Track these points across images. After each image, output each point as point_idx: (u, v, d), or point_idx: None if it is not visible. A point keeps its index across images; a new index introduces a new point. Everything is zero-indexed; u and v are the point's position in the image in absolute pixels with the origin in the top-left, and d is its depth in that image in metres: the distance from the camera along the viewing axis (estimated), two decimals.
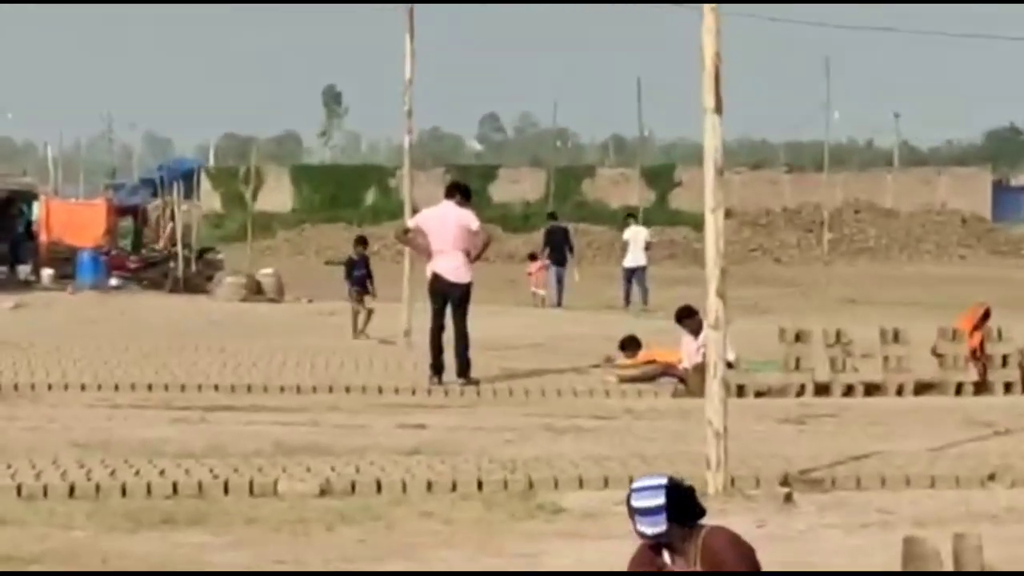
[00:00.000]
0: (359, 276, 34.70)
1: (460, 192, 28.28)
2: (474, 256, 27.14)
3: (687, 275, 62.14)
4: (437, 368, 26.39)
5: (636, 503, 9.51)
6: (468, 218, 27.38)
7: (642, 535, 9.51)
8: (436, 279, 26.90)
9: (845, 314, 34.29)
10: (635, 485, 9.60)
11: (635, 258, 57.25)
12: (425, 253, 27.67)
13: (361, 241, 36.55)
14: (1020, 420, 22.60)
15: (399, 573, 9.12)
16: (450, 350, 26.74)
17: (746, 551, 9.67)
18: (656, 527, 9.38)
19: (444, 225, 27.00)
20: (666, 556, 9.74)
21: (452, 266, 26.63)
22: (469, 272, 26.77)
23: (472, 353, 26.64)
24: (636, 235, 58.32)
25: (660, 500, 9.29)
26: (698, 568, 9.52)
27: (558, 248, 58.51)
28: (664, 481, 9.52)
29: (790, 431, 21.45)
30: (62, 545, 14.16)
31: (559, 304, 53.60)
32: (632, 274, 56.41)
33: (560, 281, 56.72)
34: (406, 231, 29.17)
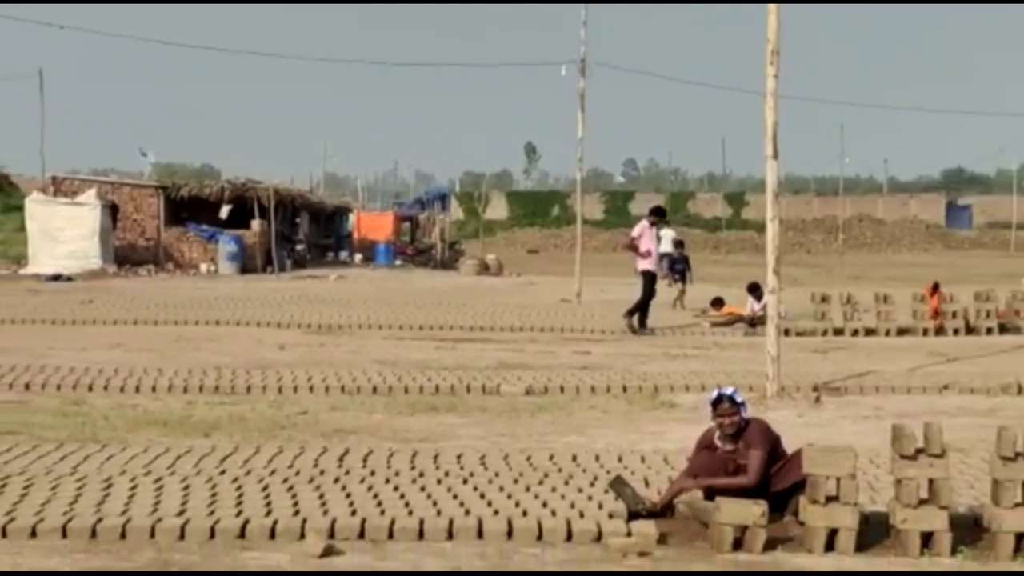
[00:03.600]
0: (679, 268, 32.61)
1: (653, 212, 27.35)
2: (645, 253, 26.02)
3: (752, 260, 61.30)
4: (639, 316, 25.54)
5: (731, 393, 9.84)
6: (636, 228, 26.70)
7: (736, 403, 9.76)
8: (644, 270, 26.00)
9: (852, 285, 33.79)
10: (727, 390, 9.75)
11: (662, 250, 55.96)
12: (637, 252, 26.33)
13: (680, 244, 33.79)
14: (963, 352, 22.38)
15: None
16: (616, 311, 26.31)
17: (768, 435, 9.75)
18: (745, 412, 9.73)
19: (640, 235, 26.20)
20: (716, 440, 9.78)
21: (645, 263, 25.83)
22: (645, 264, 25.77)
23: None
24: (665, 234, 57.18)
25: (741, 397, 9.58)
26: (740, 446, 9.58)
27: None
28: (737, 391, 9.91)
29: (818, 358, 21.22)
30: (369, 423, 14.33)
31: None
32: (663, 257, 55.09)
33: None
34: (632, 240, 26.95)
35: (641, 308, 25.60)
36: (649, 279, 25.78)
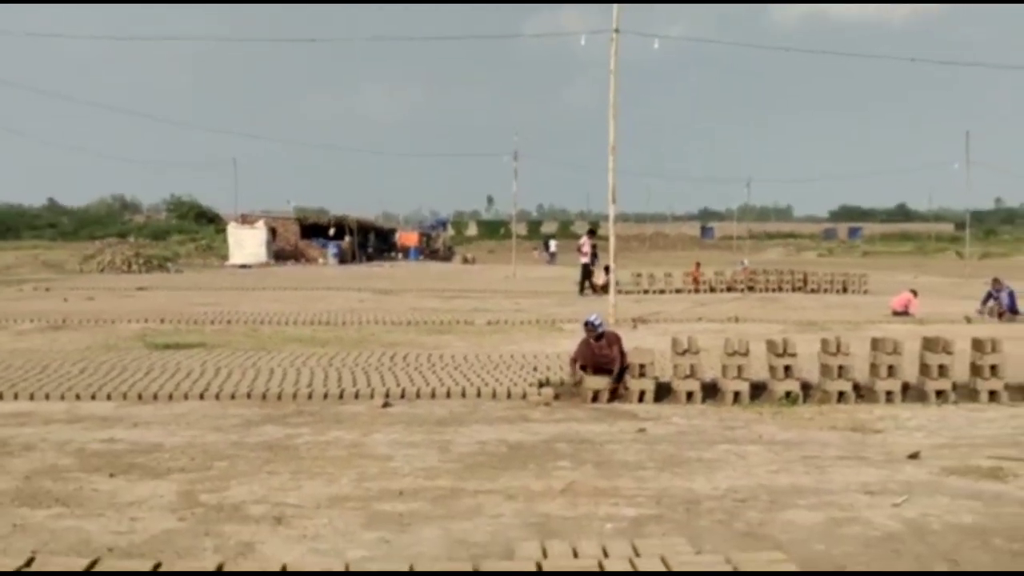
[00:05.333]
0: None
1: (590, 231, 26.05)
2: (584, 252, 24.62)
3: (604, 256, 61.21)
4: (582, 288, 24.20)
5: (594, 319, 9.73)
6: (582, 239, 25.34)
7: (594, 326, 9.67)
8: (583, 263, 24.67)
9: (653, 267, 33.83)
10: (592, 316, 9.77)
11: (551, 251, 52.50)
12: (580, 252, 25.29)
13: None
14: (709, 301, 22.37)
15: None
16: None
17: (618, 338, 9.78)
18: (603, 327, 9.53)
19: (583, 243, 24.92)
20: (590, 339, 9.83)
21: (585, 258, 24.67)
22: (584, 259, 24.52)
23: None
24: (550, 243, 55.26)
25: (601, 319, 9.51)
26: (603, 343, 9.65)
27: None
28: (598, 316, 9.71)
29: (635, 304, 21.03)
30: (406, 339, 14.17)
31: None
32: (553, 256, 51.63)
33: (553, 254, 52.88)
34: (579, 246, 25.51)
35: (583, 283, 24.43)
36: (585, 268, 24.62)
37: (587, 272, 24.85)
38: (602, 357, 9.60)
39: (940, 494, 5.84)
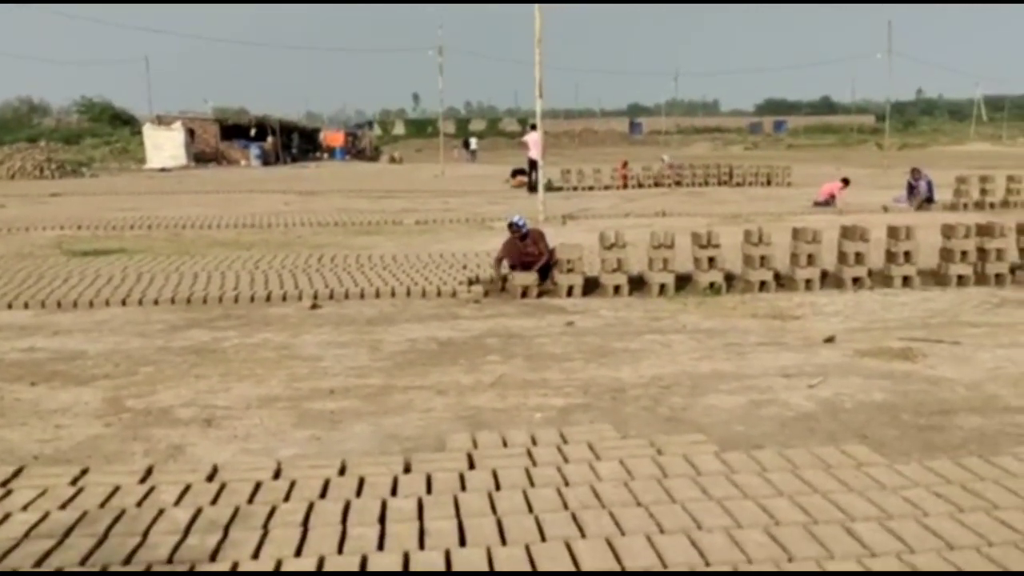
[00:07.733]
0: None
1: (532, 127, 23.35)
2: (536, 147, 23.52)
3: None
4: (531, 186, 23.00)
5: (517, 220, 9.62)
6: (528, 135, 24.08)
7: (518, 227, 9.63)
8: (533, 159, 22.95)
9: (581, 164, 33.77)
10: (515, 218, 9.68)
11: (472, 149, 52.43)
12: (526, 149, 24.29)
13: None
14: (636, 197, 22.47)
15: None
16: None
17: (542, 235, 9.81)
18: (525, 227, 9.48)
19: (533, 138, 22.62)
20: (515, 239, 9.83)
21: (532, 153, 22.94)
22: (534, 155, 22.20)
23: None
24: (470, 142, 54.09)
25: (524, 219, 9.43)
26: (528, 242, 9.67)
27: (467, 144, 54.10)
28: (521, 217, 9.66)
29: (564, 201, 21.02)
30: (334, 241, 13.98)
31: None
32: (474, 155, 51.53)
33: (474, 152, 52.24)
34: (525, 142, 24.33)
35: (531, 180, 23.49)
36: (533, 163, 23.10)
37: (534, 167, 24.24)
38: (528, 255, 9.65)
39: (853, 375, 6.10)
